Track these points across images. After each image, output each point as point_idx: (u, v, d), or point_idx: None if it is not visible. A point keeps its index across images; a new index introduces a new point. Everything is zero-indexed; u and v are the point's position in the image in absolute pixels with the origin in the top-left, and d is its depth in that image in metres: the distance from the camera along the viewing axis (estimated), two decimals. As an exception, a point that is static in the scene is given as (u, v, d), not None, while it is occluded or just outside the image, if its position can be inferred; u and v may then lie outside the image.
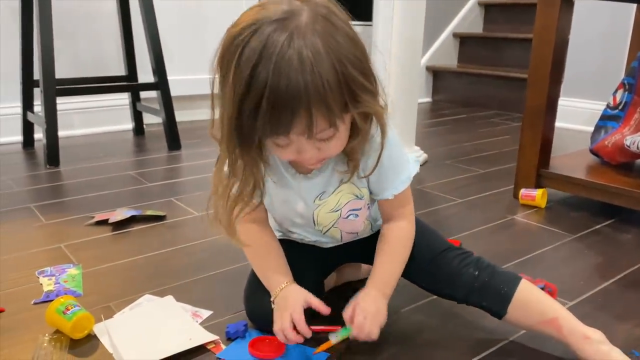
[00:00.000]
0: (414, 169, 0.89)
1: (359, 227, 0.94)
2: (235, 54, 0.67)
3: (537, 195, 1.57)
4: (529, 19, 2.29)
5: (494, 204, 1.62)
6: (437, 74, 3.64)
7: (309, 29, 0.66)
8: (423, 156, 2.07)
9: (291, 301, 0.83)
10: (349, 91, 0.68)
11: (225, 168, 0.78)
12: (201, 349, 0.89)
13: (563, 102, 2.16)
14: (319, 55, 0.65)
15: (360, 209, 0.91)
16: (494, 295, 0.88)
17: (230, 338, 0.91)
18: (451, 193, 1.72)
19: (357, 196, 0.88)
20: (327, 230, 0.93)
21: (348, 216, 0.90)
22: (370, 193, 0.90)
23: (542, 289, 0.99)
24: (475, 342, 0.92)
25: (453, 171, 1.98)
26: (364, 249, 0.97)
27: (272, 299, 0.87)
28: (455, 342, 0.92)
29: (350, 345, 0.90)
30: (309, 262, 0.96)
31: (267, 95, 0.64)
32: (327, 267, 1.03)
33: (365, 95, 0.70)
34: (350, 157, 0.81)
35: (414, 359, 0.87)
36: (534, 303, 0.87)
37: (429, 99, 3.67)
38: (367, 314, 0.83)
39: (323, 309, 0.83)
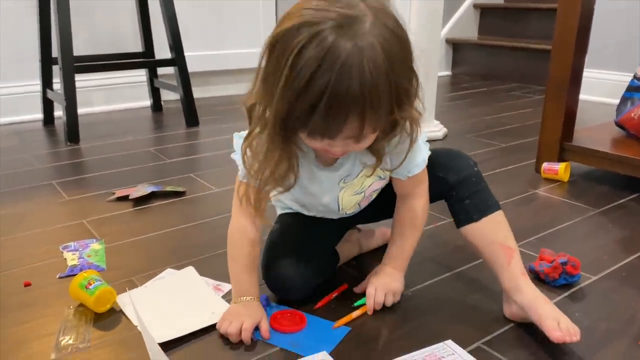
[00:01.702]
0: (426, 151, 0.91)
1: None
2: (290, 55, 0.66)
3: (560, 169, 1.54)
4: (552, -13, 2.23)
5: (515, 178, 1.60)
6: (457, 47, 3.57)
7: (372, 39, 0.66)
8: (443, 130, 2.04)
9: (249, 313, 0.86)
10: (397, 99, 0.71)
11: (261, 151, 0.78)
12: (223, 322, 0.90)
13: (587, 74, 2.11)
14: (378, 67, 0.66)
15: (382, 187, 0.95)
16: (481, 200, 0.92)
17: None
18: (471, 167, 1.69)
19: (380, 177, 0.92)
20: (348, 212, 0.97)
21: (371, 195, 0.95)
22: None
23: (565, 263, 0.98)
24: (494, 318, 0.91)
25: (473, 145, 1.95)
26: (373, 210, 1.01)
27: (233, 301, 0.90)
28: (474, 317, 0.92)
29: (368, 320, 0.91)
30: (322, 231, 0.99)
31: (325, 101, 0.66)
32: (340, 233, 1.06)
33: (408, 102, 0.73)
34: (375, 154, 0.83)
35: (432, 333, 0.87)
36: (504, 226, 0.92)
37: (448, 73, 3.61)
38: (377, 285, 0.93)
39: (266, 335, 0.86)
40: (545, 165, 1.58)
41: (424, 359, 0.80)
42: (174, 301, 0.96)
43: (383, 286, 0.93)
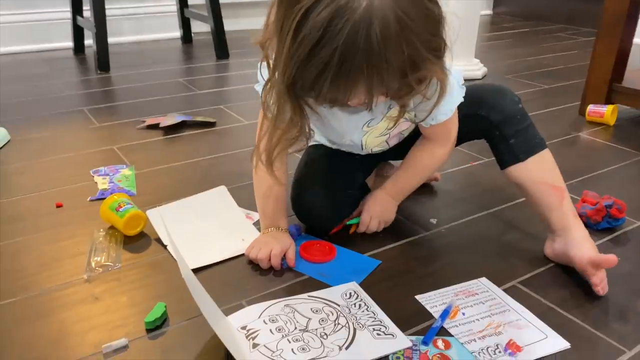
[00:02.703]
0: (458, 98, 0.84)
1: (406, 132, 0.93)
2: (297, 15, 0.59)
3: (607, 112, 1.46)
4: None
5: (557, 120, 1.52)
6: (500, -16, 3.38)
7: (385, 3, 0.58)
8: (482, 69, 1.96)
9: (277, 241, 0.86)
10: (412, 66, 0.63)
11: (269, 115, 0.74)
12: (252, 249, 0.89)
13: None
14: (389, 35, 0.59)
15: (407, 127, 0.90)
16: (527, 139, 0.86)
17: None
18: (511, 108, 1.62)
19: (405, 119, 0.86)
20: (374, 149, 0.93)
21: (401, 133, 0.92)
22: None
23: (611, 205, 0.94)
24: (530, 258, 0.88)
25: (514, 85, 1.86)
26: (405, 147, 0.95)
27: (263, 231, 0.90)
28: (509, 257, 0.89)
29: (400, 254, 0.89)
30: (351, 164, 0.96)
31: (329, 74, 0.60)
32: (369, 167, 1.04)
33: (428, 65, 0.65)
34: (400, 104, 0.77)
35: (465, 270, 0.84)
36: (552, 166, 0.88)
37: (489, 12, 3.44)
38: (372, 213, 0.94)
39: (292, 263, 0.85)
40: (590, 107, 1.50)
41: (456, 294, 0.78)
42: (205, 221, 0.96)
43: (378, 216, 0.94)
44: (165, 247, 0.89)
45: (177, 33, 2.50)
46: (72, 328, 0.71)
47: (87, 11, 2.06)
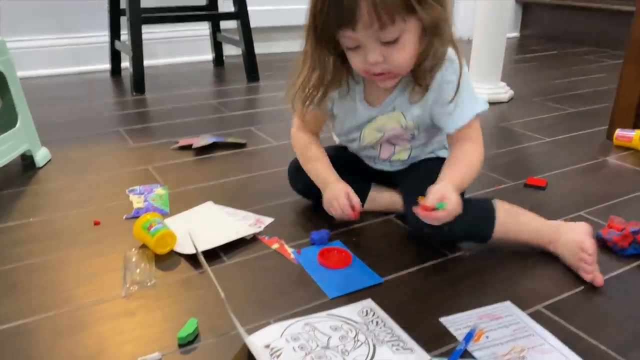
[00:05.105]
0: (481, 106, 0.92)
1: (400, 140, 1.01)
2: None
3: (635, 137, 1.46)
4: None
5: (584, 144, 1.52)
6: (527, 7, 3.39)
7: None
8: (509, 92, 1.97)
9: (340, 189, 0.98)
10: None
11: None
12: (269, 249, 0.92)
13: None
14: None
15: (399, 135, 0.99)
16: (473, 230, 0.94)
17: (314, 244, 0.99)
18: (538, 131, 1.63)
19: (402, 125, 0.96)
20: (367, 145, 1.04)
21: (389, 140, 1.01)
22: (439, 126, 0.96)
23: (638, 231, 0.94)
24: (558, 280, 0.88)
25: (541, 109, 1.87)
26: (401, 175, 1.07)
27: (324, 193, 1.00)
28: (537, 278, 0.90)
29: (422, 276, 0.90)
30: (356, 170, 1.09)
31: None
32: (371, 178, 1.11)
33: (429, 3, 0.77)
34: (419, 78, 0.88)
35: (490, 293, 0.85)
36: (512, 232, 0.94)
37: (516, 34, 3.45)
38: (456, 201, 0.84)
39: (357, 206, 0.97)
40: (618, 132, 1.49)
41: (480, 317, 0.79)
42: (206, 225, 1.05)
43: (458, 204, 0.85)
44: (189, 256, 0.93)
45: (209, 56, 2.58)
46: (109, 341, 0.75)
47: (124, 35, 2.16)
